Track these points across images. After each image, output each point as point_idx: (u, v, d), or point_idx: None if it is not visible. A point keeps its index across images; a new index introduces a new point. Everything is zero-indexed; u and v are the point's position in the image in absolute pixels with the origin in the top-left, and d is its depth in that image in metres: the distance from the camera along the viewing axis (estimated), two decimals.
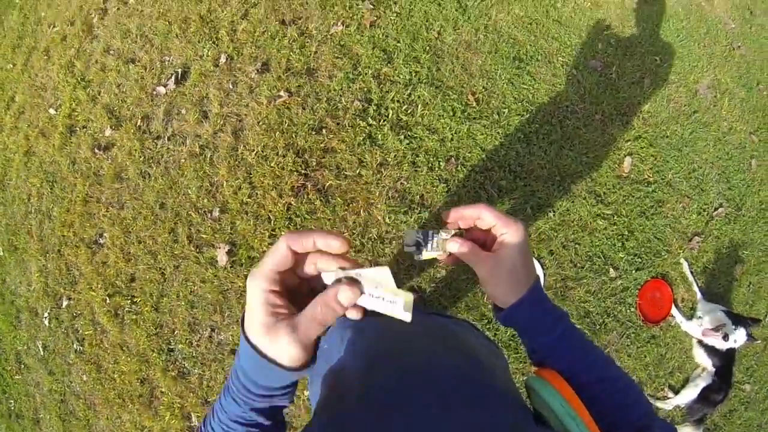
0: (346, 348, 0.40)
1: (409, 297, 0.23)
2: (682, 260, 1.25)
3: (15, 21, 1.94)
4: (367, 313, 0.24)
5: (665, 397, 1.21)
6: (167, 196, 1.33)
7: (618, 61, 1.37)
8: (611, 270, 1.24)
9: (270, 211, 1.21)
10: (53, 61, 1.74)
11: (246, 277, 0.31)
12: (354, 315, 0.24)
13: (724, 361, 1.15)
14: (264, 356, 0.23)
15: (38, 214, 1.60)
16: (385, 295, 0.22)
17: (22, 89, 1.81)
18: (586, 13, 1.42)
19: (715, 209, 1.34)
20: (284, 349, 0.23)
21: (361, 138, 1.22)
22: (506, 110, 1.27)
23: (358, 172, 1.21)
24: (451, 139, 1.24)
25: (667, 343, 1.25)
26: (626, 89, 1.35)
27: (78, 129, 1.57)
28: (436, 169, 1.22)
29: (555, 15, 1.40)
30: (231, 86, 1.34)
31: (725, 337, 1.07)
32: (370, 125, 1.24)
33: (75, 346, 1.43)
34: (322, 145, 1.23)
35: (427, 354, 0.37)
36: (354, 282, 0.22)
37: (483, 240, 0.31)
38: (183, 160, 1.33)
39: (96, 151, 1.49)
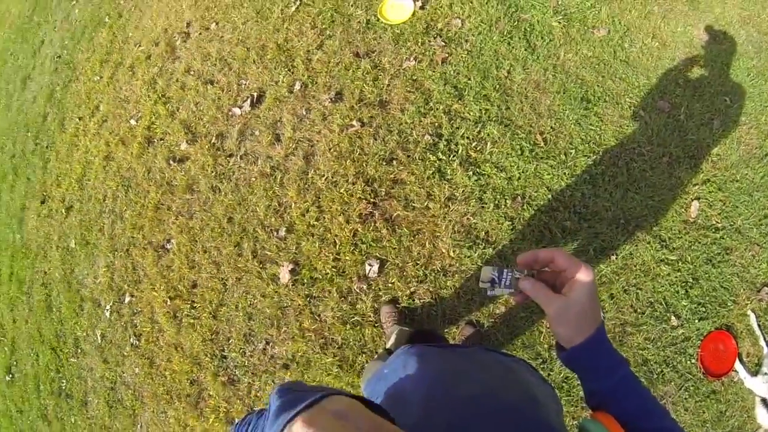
0: (407, 374, 0.40)
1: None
2: (749, 312, 1.10)
3: (104, 38, 1.98)
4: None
5: None
6: (235, 212, 1.26)
7: (686, 102, 1.25)
8: (673, 318, 1.12)
9: (336, 235, 1.13)
10: (137, 76, 1.74)
11: (307, 296, 0.33)
12: None
13: None
14: None
15: (111, 214, 1.57)
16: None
17: (107, 100, 1.81)
18: (654, 53, 1.31)
19: None
20: None
21: (431, 172, 1.17)
22: (573, 151, 1.17)
23: (425, 204, 1.12)
24: (518, 178, 1.14)
25: (728, 399, 1.10)
26: (695, 131, 1.25)
27: (155, 140, 1.54)
28: (503, 206, 1.11)
29: (623, 55, 1.29)
30: (304, 112, 1.28)
31: None
32: (440, 160, 1.15)
33: (132, 340, 1.40)
34: (392, 175, 1.16)
35: (485, 387, 0.36)
36: None
37: (552, 282, 0.32)
38: (253, 179, 1.26)
39: (171, 162, 1.45)
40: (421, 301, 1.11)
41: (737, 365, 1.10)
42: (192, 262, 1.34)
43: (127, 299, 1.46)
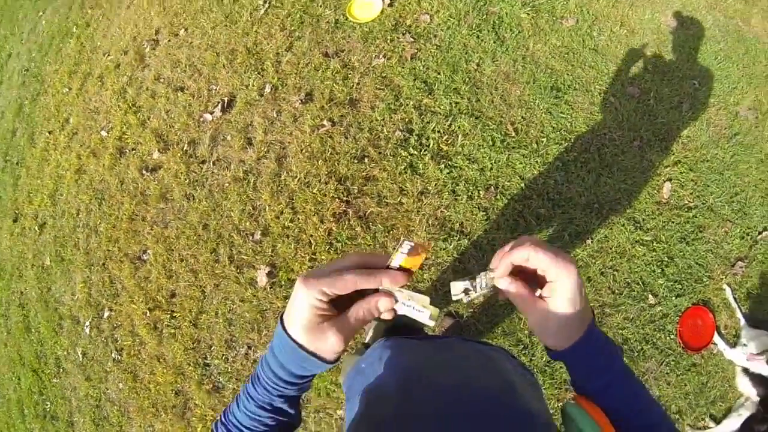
0: (383, 367, 0.39)
1: (436, 311, 0.25)
2: (724, 286, 1.13)
3: (72, 49, 1.92)
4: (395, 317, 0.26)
5: (705, 427, 1.09)
6: (210, 218, 1.23)
7: (656, 86, 1.27)
8: (650, 297, 1.13)
9: (311, 236, 1.11)
10: (107, 86, 1.69)
11: (285, 298, 0.33)
12: (387, 316, 0.26)
13: None
14: (305, 350, 0.24)
15: (86, 228, 1.53)
16: (416, 306, 0.25)
17: (77, 112, 1.76)
18: (622, 40, 1.32)
19: (759, 233, 1.21)
20: (330, 343, 0.24)
21: (403, 167, 1.16)
22: (545, 139, 1.18)
23: (399, 200, 1.11)
24: (491, 169, 1.14)
25: (708, 371, 1.12)
26: (665, 114, 1.26)
27: (127, 151, 1.51)
28: (476, 197, 1.11)
29: (591, 44, 1.31)
30: (275, 115, 1.26)
31: None
32: (412, 155, 1.14)
33: (113, 355, 1.36)
34: (364, 173, 1.15)
35: (462, 376, 0.35)
36: (389, 293, 0.25)
37: (533, 275, 0.27)
38: (227, 184, 1.24)
39: (143, 172, 1.41)
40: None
41: (716, 338, 1.11)
42: (169, 271, 1.30)
43: (107, 314, 1.42)
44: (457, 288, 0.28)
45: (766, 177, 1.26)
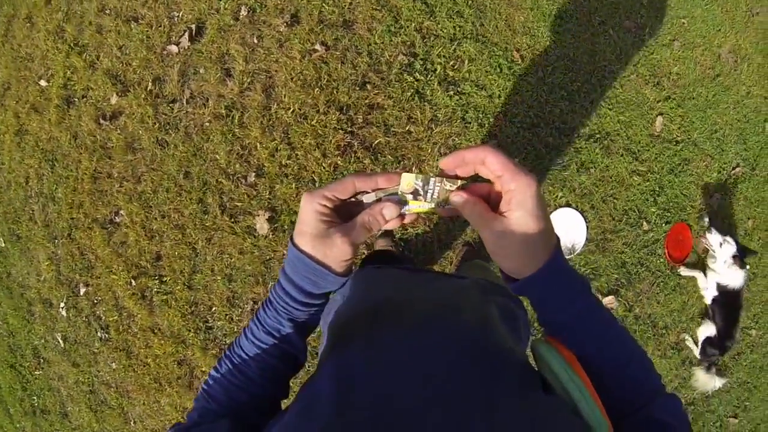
0: (352, 297, 0.36)
1: (443, 194, 0.24)
2: (706, 221, 1.20)
3: None
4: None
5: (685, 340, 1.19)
6: (191, 164, 1.01)
7: (651, 22, 1.21)
8: (644, 223, 1.16)
9: (314, 172, 0.94)
10: (38, 27, 1.29)
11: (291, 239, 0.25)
12: (392, 225, 0.25)
13: (729, 305, 1.10)
14: (315, 260, 0.24)
15: (40, 197, 1.22)
16: (416, 205, 0.24)
17: (5, 63, 1.36)
18: None
19: (733, 168, 1.27)
20: (337, 248, 0.23)
21: (409, 94, 1.03)
22: (550, 68, 1.09)
23: (407, 128, 0.97)
24: (499, 96, 1.02)
25: (689, 291, 1.20)
26: (659, 51, 1.23)
27: (76, 99, 1.18)
28: (486, 125, 0.98)
29: None
30: (256, 41, 1.01)
31: (721, 246, 1.03)
32: (418, 80, 1.00)
33: (99, 334, 1.15)
34: (367, 101, 0.98)
35: (433, 310, 0.31)
36: (393, 200, 0.24)
37: (487, 195, 0.24)
38: (206, 123, 1.00)
39: (101, 121, 1.12)
40: (415, 229, 1.00)
41: (685, 272, 1.18)
42: (150, 231, 1.07)
43: (83, 290, 1.18)
44: (407, 182, 0.24)
45: (741, 117, 1.29)
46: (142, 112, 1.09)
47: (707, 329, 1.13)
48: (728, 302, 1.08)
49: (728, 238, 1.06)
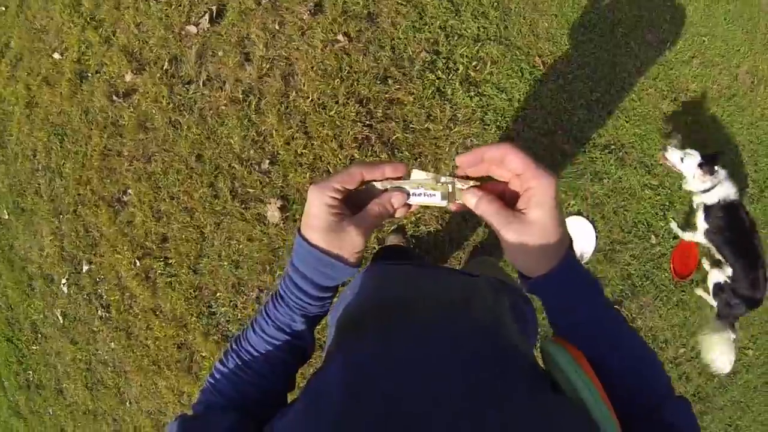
0: (362, 293, 0.35)
1: (445, 188, 0.24)
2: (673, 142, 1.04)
3: None
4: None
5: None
6: (204, 147, 0.99)
7: (672, 37, 1.21)
8: (653, 237, 1.16)
9: (329, 163, 0.93)
10: (55, 0, 1.23)
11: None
12: (401, 213, 0.25)
13: (731, 228, 0.81)
14: (328, 254, 0.23)
15: (47, 171, 1.19)
16: (426, 191, 0.24)
17: (19, 33, 1.32)
18: None
19: (742, 189, 1.26)
20: (351, 239, 0.23)
21: (430, 91, 1.02)
22: (570, 76, 1.08)
23: (426, 126, 0.95)
24: (519, 100, 1.00)
25: (691, 307, 1.20)
26: (678, 67, 1.23)
27: (90, 75, 1.15)
28: (504, 128, 0.96)
29: None
30: (277, 27, 0.99)
31: (682, 160, 0.90)
32: (439, 78, 0.99)
33: (99, 312, 1.13)
34: (387, 95, 0.96)
35: (443, 309, 0.30)
36: (400, 189, 0.24)
37: (502, 193, 0.23)
38: (222, 107, 0.98)
39: (114, 98, 1.09)
40: (427, 227, 0.98)
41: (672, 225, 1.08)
42: (158, 212, 1.05)
43: (85, 268, 1.16)
44: (416, 179, 0.24)
45: (753, 139, 1.29)
46: (157, 91, 1.06)
47: (716, 275, 0.90)
48: (728, 225, 0.81)
49: (688, 150, 0.91)
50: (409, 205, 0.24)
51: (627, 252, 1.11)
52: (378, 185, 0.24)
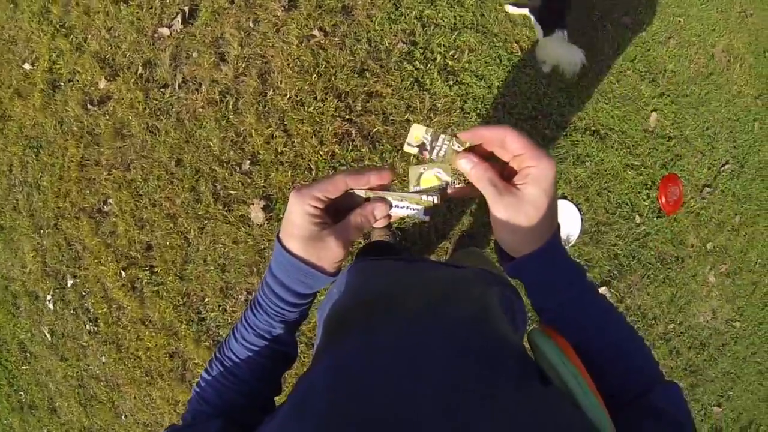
0: (349, 290, 0.35)
1: (429, 202, 0.23)
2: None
3: None
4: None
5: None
6: (183, 151, 0.96)
7: (648, 19, 1.21)
8: (637, 216, 1.17)
9: (310, 160, 0.92)
10: (21, 9, 1.22)
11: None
12: (382, 223, 0.24)
13: None
14: (306, 263, 0.22)
15: (24, 186, 1.16)
16: (409, 205, 0.24)
17: None
18: None
19: (723, 165, 1.29)
20: (330, 250, 0.22)
21: (409, 82, 1.00)
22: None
23: (406, 117, 0.94)
24: (498, 87, 1.00)
25: (677, 283, 1.22)
26: (655, 48, 1.24)
27: (62, 84, 1.12)
28: (485, 116, 0.95)
29: None
30: (252, 25, 0.96)
31: None
32: (417, 69, 0.98)
33: (88, 327, 1.11)
34: (366, 88, 0.95)
35: (430, 301, 0.30)
36: (383, 199, 0.23)
37: (499, 172, 0.22)
38: (200, 109, 0.96)
39: (88, 106, 1.06)
40: (412, 219, 0.97)
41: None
42: (140, 220, 1.03)
43: (70, 282, 1.13)
44: (416, 134, 0.22)
45: (731, 116, 1.31)
46: (132, 97, 1.03)
47: None
48: None
49: None
50: (390, 215, 0.23)
51: (612, 233, 1.12)
52: (361, 192, 0.23)
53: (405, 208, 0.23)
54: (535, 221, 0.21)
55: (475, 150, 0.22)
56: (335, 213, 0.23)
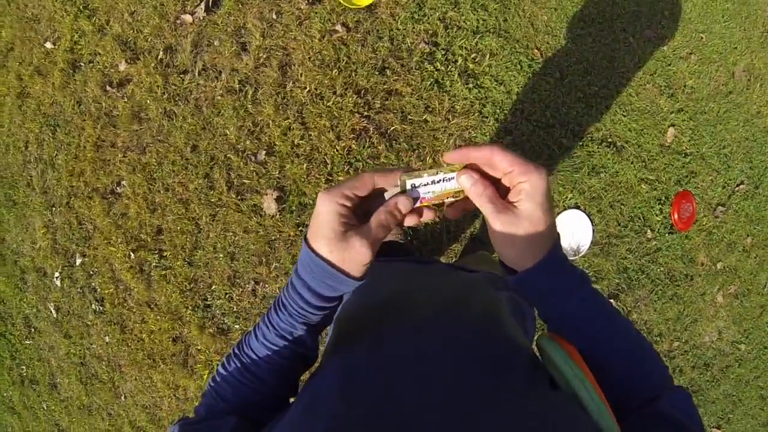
0: (360, 291, 0.32)
1: (458, 167, 0.23)
2: None
3: None
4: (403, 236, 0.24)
5: None
6: (200, 138, 0.96)
7: (670, 33, 1.20)
8: (648, 231, 1.17)
9: (326, 154, 0.91)
10: None
11: (297, 225, 0.24)
12: (411, 222, 0.24)
13: None
14: (333, 266, 0.22)
15: (39, 163, 1.16)
16: (445, 176, 0.22)
17: (9, 22, 1.28)
18: None
19: (737, 185, 1.28)
20: (357, 252, 0.22)
21: (429, 83, 1.00)
22: (569, 69, 1.04)
23: (424, 117, 0.95)
24: (517, 93, 1.00)
25: (685, 301, 1.21)
26: (676, 63, 1.23)
27: (83, 64, 1.13)
28: (502, 121, 0.94)
29: None
30: (275, 16, 0.96)
31: None
32: (438, 70, 0.98)
33: (93, 306, 1.12)
34: (386, 86, 0.95)
35: (441, 304, 0.30)
36: (405, 194, 0.23)
37: (496, 186, 0.23)
38: (218, 97, 0.96)
39: (108, 88, 1.07)
40: (423, 219, 0.96)
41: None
42: (152, 204, 1.03)
43: (79, 261, 1.14)
44: (407, 184, 0.22)
45: (749, 136, 1.30)
46: (151, 81, 1.04)
47: None
48: None
49: None
50: (420, 213, 0.23)
51: (623, 246, 1.12)
52: (391, 189, 0.22)
53: (441, 181, 0.22)
54: (533, 236, 0.21)
55: (473, 168, 0.22)
56: (364, 216, 0.22)
